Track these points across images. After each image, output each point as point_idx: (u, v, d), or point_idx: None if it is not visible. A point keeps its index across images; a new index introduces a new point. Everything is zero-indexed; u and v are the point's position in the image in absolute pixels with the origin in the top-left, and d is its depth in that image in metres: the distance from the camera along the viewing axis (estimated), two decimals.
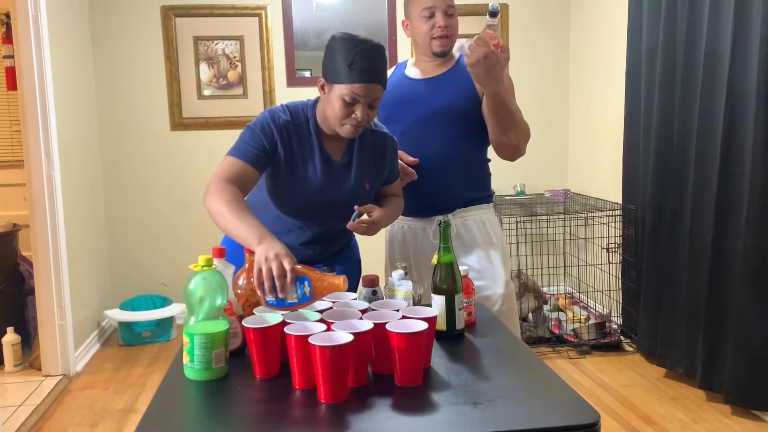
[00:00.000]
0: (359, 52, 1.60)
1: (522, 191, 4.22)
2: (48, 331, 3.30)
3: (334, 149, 1.78)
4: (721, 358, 2.76)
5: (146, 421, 1.15)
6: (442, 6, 1.97)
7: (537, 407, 1.16)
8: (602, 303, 3.91)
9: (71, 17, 3.69)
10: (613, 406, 2.85)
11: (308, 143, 1.74)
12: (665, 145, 3.13)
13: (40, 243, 3.25)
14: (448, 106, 2.00)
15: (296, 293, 1.37)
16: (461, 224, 2.06)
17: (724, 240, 2.73)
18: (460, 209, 2.06)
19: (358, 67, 1.59)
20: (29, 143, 3.20)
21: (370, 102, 1.65)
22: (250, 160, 1.66)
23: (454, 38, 2.02)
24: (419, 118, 2.02)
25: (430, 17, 1.98)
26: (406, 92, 2.06)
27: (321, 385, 1.19)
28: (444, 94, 2.01)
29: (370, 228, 1.76)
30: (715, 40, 2.74)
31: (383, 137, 1.85)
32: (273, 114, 1.72)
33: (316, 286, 1.37)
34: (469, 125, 2.01)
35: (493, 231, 2.09)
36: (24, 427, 2.75)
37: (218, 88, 4.11)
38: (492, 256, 2.06)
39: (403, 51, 4.19)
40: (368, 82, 1.61)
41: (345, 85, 1.61)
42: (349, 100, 1.62)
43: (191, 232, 4.14)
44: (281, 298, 1.36)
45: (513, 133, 1.96)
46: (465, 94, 2.00)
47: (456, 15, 2.02)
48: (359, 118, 1.64)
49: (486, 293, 2.01)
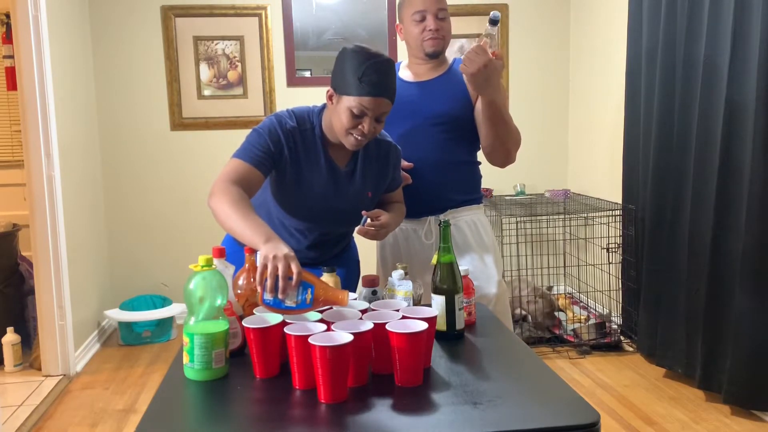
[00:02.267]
0: (370, 66, 1.60)
1: (522, 191, 4.22)
2: (48, 331, 3.30)
3: (339, 157, 1.78)
4: (720, 358, 2.76)
5: (146, 421, 1.15)
6: (433, 9, 1.98)
7: (537, 407, 1.16)
8: (602, 303, 3.91)
9: (71, 17, 3.69)
10: (613, 406, 2.85)
11: (313, 150, 1.75)
12: (665, 145, 3.13)
13: (40, 243, 3.24)
14: (441, 110, 2.01)
15: (297, 298, 1.34)
16: (453, 226, 2.06)
17: (724, 240, 2.73)
18: (451, 210, 2.07)
19: (368, 80, 1.60)
20: (29, 143, 3.20)
21: (377, 115, 1.65)
22: (256, 162, 1.66)
23: (446, 40, 2.04)
24: (412, 121, 2.02)
25: (421, 21, 1.99)
26: (399, 95, 2.04)
27: (321, 385, 1.19)
28: (437, 99, 2.02)
29: (379, 232, 1.77)
30: (715, 41, 2.74)
31: (387, 146, 1.86)
32: (280, 119, 1.73)
33: (318, 294, 1.34)
34: (461, 130, 2.03)
35: (484, 231, 2.11)
36: (24, 427, 2.75)
37: (218, 88, 4.11)
38: (484, 257, 2.08)
39: (403, 51, 4.18)
40: (377, 95, 1.62)
41: (354, 97, 1.62)
42: (357, 112, 1.63)
43: (191, 232, 4.14)
44: (279, 300, 1.33)
45: (506, 141, 1.98)
46: (458, 99, 2.02)
47: (448, 18, 2.03)
48: (366, 131, 1.65)
49: (479, 294, 2.01)
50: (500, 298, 2.08)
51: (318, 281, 1.36)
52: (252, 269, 1.49)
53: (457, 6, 4.16)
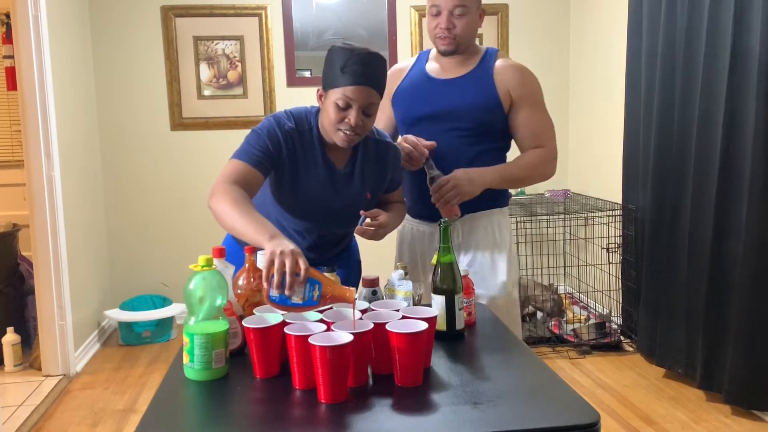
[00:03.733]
0: (352, 57, 1.60)
1: (522, 191, 4.22)
2: (48, 331, 3.30)
3: (338, 158, 1.77)
4: (720, 358, 2.76)
5: (146, 421, 1.15)
6: (448, 5, 1.89)
7: (537, 407, 1.16)
8: (602, 303, 3.91)
9: (71, 17, 3.69)
10: (613, 406, 2.85)
11: (311, 151, 1.74)
12: (665, 145, 3.13)
13: (40, 243, 3.24)
14: (464, 112, 1.94)
15: (304, 295, 1.31)
16: (468, 231, 2.02)
17: (724, 240, 2.73)
18: (469, 214, 2.00)
19: (351, 70, 1.59)
20: (29, 143, 3.20)
21: (364, 107, 1.63)
22: (255, 163, 1.65)
23: (461, 38, 1.93)
24: (434, 119, 1.96)
25: (436, 15, 1.92)
26: (423, 90, 2.00)
27: (321, 385, 1.19)
28: (461, 100, 1.94)
29: (377, 232, 1.77)
30: (715, 41, 2.74)
31: (386, 146, 1.85)
32: (278, 120, 1.72)
33: (325, 291, 1.31)
34: (485, 132, 1.96)
35: (500, 236, 2.04)
36: (24, 427, 2.75)
37: (218, 88, 4.11)
38: (496, 264, 2.01)
39: (403, 52, 4.19)
40: (360, 84, 1.60)
41: (338, 89, 1.61)
42: (342, 104, 1.61)
43: (191, 232, 4.14)
44: (286, 296, 1.30)
45: (532, 182, 2.03)
46: (483, 100, 1.94)
47: (470, 14, 1.91)
48: (352, 123, 1.62)
49: (483, 302, 1.95)
50: (507, 303, 2.01)
51: (324, 278, 1.34)
52: (252, 269, 1.49)
53: None
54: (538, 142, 2.00)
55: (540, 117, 2.01)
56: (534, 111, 1.99)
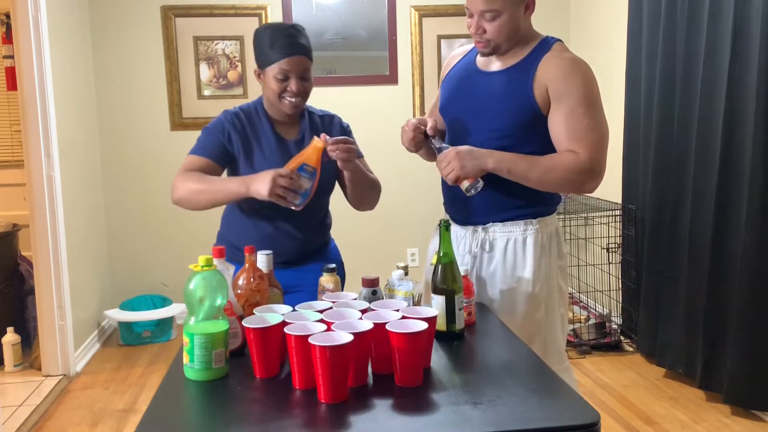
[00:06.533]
0: (275, 33, 1.78)
1: None
2: (48, 331, 3.30)
3: (286, 131, 1.91)
4: (720, 358, 2.76)
5: (146, 421, 1.15)
6: (476, 9, 1.71)
7: (537, 407, 1.16)
8: (602, 303, 3.91)
9: (71, 17, 3.69)
10: (613, 406, 2.85)
11: (260, 127, 1.89)
12: (665, 145, 3.12)
13: (40, 243, 3.24)
14: (494, 110, 1.75)
15: (305, 178, 1.67)
16: (487, 243, 1.81)
17: (724, 240, 2.73)
18: (492, 224, 1.80)
19: (279, 44, 1.77)
20: (29, 143, 3.20)
21: (300, 73, 1.79)
22: (209, 154, 1.83)
23: (495, 41, 1.74)
24: (469, 113, 1.81)
25: (470, 17, 1.75)
26: (463, 83, 1.85)
27: (321, 385, 1.19)
28: (489, 97, 1.77)
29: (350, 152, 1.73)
30: (715, 41, 2.74)
31: (330, 118, 1.99)
32: (224, 112, 1.91)
33: (309, 160, 1.68)
34: (521, 135, 1.74)
35: (524, 255, 1.79)
36: (24, 427, 2.75)
37: (218, 88, 4.11)
38: (515, 293, 1.80)
39: (404, 52, 4.18)
40: (291, 55, 1.77)
41: (274, 65, 1.78)
42: (281, 77, 1.78)
43: (191, 231, 4.13)
44: (303, 191, 1.67)
45: (553, 189, 1.78)
46: (514, 98, 1.73)
47: (502, 15, 1.71)
48: (294, 90, 1.79)
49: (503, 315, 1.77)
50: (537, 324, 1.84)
51: (294, 161, 1.69)
52: (252, 269, 1.50)
53: (457, 6, 4.16)
54: (570, 147, 1.71)
55: (580, 120, 1.70)
56: (574, 111, 1.70)
